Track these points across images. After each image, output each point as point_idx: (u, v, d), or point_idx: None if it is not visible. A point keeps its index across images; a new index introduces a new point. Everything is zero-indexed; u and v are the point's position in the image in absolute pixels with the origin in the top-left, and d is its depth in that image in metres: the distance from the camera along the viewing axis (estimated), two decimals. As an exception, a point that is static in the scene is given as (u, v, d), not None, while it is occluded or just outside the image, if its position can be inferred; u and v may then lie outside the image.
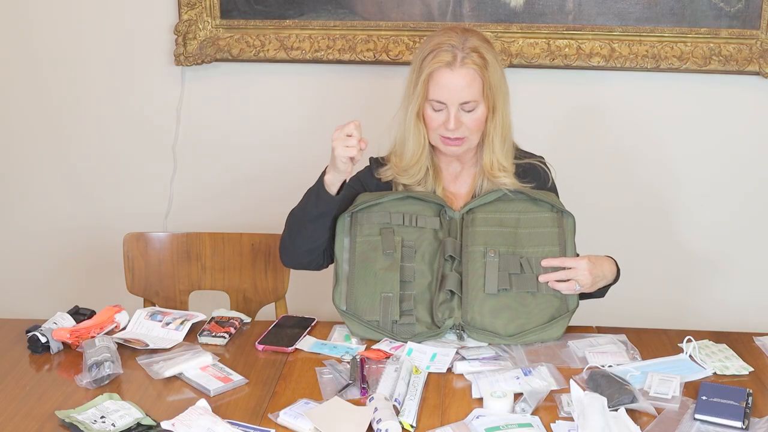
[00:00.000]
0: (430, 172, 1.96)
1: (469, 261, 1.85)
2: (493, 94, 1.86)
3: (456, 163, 1.99)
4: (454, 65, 1.82)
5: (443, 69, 1.83)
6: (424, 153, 1.93)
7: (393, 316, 1.81)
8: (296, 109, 2.75)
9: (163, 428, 1.50)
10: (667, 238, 2.76)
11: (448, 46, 1.83)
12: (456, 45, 1.83)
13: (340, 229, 1.90)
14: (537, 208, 1.91)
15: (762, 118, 2.65)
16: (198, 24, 2.67)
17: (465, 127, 1.87)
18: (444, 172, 1.99)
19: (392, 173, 1.96)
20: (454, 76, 1.83)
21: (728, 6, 2.52)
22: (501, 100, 1.88)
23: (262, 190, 2.81)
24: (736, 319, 2.58)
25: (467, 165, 1.99)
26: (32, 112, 2.84)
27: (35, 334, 1.82)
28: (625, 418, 1.49)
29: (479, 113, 1.87)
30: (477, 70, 1.83)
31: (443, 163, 1.99)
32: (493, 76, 1.85)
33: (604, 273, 1.88)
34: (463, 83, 1.83)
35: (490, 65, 1.84)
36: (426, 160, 1.94)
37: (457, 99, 1.84)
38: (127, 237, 2.29)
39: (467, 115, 1.86)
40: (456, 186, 1.99)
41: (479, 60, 1.83)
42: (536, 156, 2.03)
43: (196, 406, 1.54)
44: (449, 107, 1.85)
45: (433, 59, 1.83)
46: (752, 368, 1.73)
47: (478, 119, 1.87)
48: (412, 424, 1.51)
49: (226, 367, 1.73)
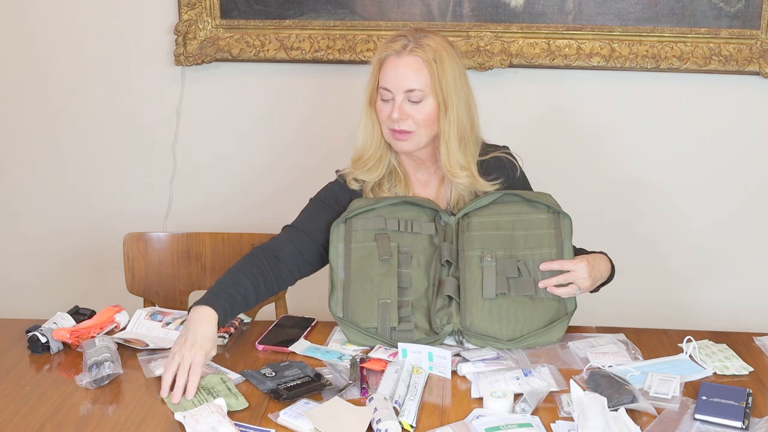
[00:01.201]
0: (400, 177, 1.96)
1: (466, 266, 1.84)
2: (445, 91, 1.84)
3: (422, 170, 1.98)
4: (402, 53, 1.84)
5: (392, 56, 1.85)
6: (379, 146, 1.92)
7: (391, 323, 1.80)
8: (296, 109, 2.75)
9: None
10: (668, 238, 2.76)
11: (403, 38, 1.86)
12: (410, 38, 1.85)
13: (335, 236, 1.88)
14: (533, 209, 1.89)
15: (762, 118, 2.65)
16: (198, 24, 2.67)
17: (412, 120, 1.85)
18: (412, 178, 1.99)
19: (349, 170, 1.96)
20: (400, 62, 1.83)
21: (728, 6, 2.52)
22: (455, 98, 1.85)
23: (262, 190, 2.81)
24: (736, 319, 2.59)
25: (431, 170, 1.98)
26: (32, 112, 2.84)
27: (35, 334, 1.82)
28: (625, 418, 1.49)
29: (427, 107, 1.85)
30: (425, 61, 1.83)
31: (410, 170, 1.98)
32: (444, 72, 1.83)
33: (602, 273, 1.88)
34: (409, 71, 1.83)
35: (442, 61, 1.83)
36: (386, 156, 1.93)
37: (401, 86, 1.83)
38: (127, 237, 2.29)
39: (414, 106, 1.84)
40: (426, 191, 1.98)
41: (430, 52, 1.83)
42: (500, 147, 2.01)
43: (211, 404, 1.54)
44: (395, 96, 1.84)
45: (385, 47, 1.86)
46: (752, 368, 1.73)
47: (426, 114, 1.85)
48: (412, 424, 1.51)
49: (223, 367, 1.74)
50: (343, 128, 2.71)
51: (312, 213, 1.95)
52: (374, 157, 1.92)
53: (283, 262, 1.88)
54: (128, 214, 2.83)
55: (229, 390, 1.62)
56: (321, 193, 1.98)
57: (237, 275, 1.82)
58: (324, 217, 1.92)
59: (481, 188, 1.92)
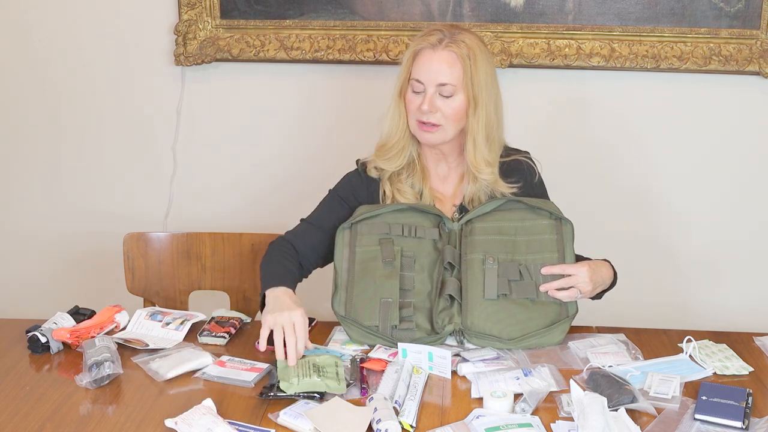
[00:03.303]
0: (417, 169, 1.97)
1: (468, 268, 1.84)
2: (476, 88, 1.86)
3: (443, 164, 1.99)
4: (437, 47, 1.86)
5: (427, 49, 1.87)
6: (403, 136, 1.93)
7: (392, 321, 1.80)
8: (296, 109, 2.75)
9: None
10: (667, 237, 2.76)
11: (439, 32, 1.88)
12: (446, 33, 1.88)
13: (340, 241, 1.90)
14: (535, 216, 1.90)
15: (762, 118, 2.65)
16: (198, 24, 2.67)
17: (441, 114, 1.87)
18: (432, 172, 2.00)
19: (372, 157, 1.98)
20: (435, 56, 1.86)
21: (728, 6, 2.52)
22: (485, 97, 1.87)
23: (262, 190, 2.81)
24: (736, 319, 2.58)
25: (453, 165, 1.99)
26: (32, 112, 2.84)
27: (35, 334, 1.82)
28: (625, 418, 1.49)
29: (457, 102, 1.87)
30: (459, 57, 1.85)
31: (431, 164, 1.99)
32: (477, 70, 1.86)
33: (603, 278, 1.88)
34: (443, 65, 1.85)
35: (476, 59, 1.85)
36: (408, 147, 1.95)
37: (434, 79, 1.85)
38: (127, 237, 2.29)
39: (444, 101, 1.86)
40: (444, 186, 2.00)
41: (465, 49, 1.85)
42: (522, 152, 2.03)
43: (201, 405, 1.54)
44: (427, 88, 1.86)
45: (421, 39, 1.89)
46: (752, 368, 1.73)
47: (455, 108, 1.87)
48: (412, 424, 1.51)
49: (244, 359, 1.75)
50: (343, 128, 2.73)
51: (328, 208, 1.99)
52: (397, 147, 1.94)
53: (301, 254, 1.95)
54: (128, 213, 2.83)
55: (337, 374, 1.63)
56: (339, 185, 2.02)
57: (279, 258, 1.91)
58: (339, 213, 1.96)
59: (499, 189, 1.94)
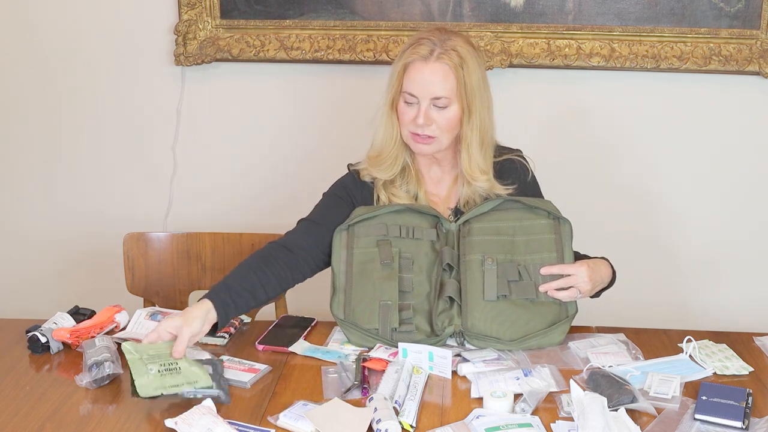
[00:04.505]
0: (412, 174, 1.96)
1: (467, 270, 1.83)
2: (470, 96, 1.84)
3: (436, 167, 1.98)
4: (429, 59, 1.82)
5: (418, 61, 1.83)
6: (396, 146, 1.91)
7: (392, 324, 1.80)
8: (296, 109, 2.75)
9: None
10: (668, 237, 2.76)
11: (428, 41, 1.84)
12: (436, 42, 1.84)
13: (337, 243, 1.88)
14: (533, 215, 1.89)
15: (762, 118, 2.65)
16: (198, 24, 2.67)
17: (436, 125, 1.85)
18: (426, 176, 1.99)
19: (365, 165, 1.96)
20: (427, 69, 1.82)
21: (728, 6, 2.52)
22: (479, 103, 1.86)
23: (262, 190, 2.81)
24: (736, 319, 2.58)
25: (446, 169, 1.98)
26: (32, 112, 2.84)
27: (35, 334, 1.82)
28: (625, 418, 1.49)
29: (452, 113, 1.85)
30: (452, 68, 1.82)
31: (423, 168, 1.98)
32: (470, 77, 1.83)
33: (602, 277, 1.88)
34: (436, 78, 1.82)
35: (467, 66, 1.83)
36: (402, 156, 1.93)
37: (428, 93, 1.83)
38: (127, 237, 2.29)
39: (439, 112, 1.84)
40: (438, 189, 1.99)
41: (456, 58, 1.82)
42: (513, 150, 2.02)
43: (201, 406, 1.54)
44: (420, 101, 1.84)
45: (411, 52, 1.84)
46: (752, 368, 1.73)
47: (450, 119, 1.85)
48: (412, 424, 1.51)
49: (243, 360, 1.75)
50: (343, 128, 2.73)
51: (327, 206, 1.97)
52: (390, 157, 1.92)
53: (299, 255, 1.88)
54: (128, 214, 2.83)
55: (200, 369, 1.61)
56: (333, 187, 2.00)
57: (243, 270, 1.83)
58: (339, 209, 1.93)
59: (495, 192, 1.93)
